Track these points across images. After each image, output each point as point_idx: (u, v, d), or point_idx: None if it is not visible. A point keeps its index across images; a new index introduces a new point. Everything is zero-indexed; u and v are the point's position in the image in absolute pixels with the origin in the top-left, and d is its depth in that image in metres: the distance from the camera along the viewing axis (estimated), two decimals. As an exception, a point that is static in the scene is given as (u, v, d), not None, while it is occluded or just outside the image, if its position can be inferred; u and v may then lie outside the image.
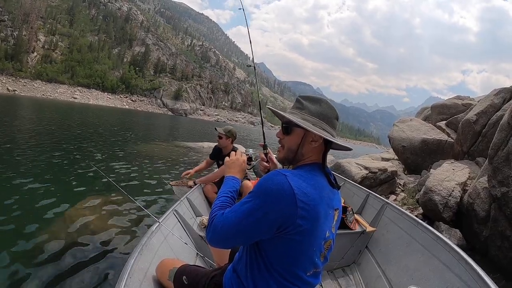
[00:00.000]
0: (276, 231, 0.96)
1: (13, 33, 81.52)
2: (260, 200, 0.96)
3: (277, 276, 1.01)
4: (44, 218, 3.74)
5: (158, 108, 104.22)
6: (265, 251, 1.02)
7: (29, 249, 3.00)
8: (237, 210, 1.01)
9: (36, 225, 3.50)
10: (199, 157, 10.85)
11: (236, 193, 1.20)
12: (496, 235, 3.48)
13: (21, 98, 48.06)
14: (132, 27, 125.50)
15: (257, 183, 1.01)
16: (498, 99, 6.20)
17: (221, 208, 1.08)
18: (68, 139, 10.91)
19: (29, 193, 4.55)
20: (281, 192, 0.93)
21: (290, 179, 0.95)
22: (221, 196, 1.16)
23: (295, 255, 1.00)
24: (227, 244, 1.04)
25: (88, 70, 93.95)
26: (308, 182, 0.99)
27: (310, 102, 1.12)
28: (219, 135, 3.76)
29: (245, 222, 0.97)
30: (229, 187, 1.20)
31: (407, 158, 8.10)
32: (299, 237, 0.96)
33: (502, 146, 3.61)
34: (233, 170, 1.29)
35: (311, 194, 0.96)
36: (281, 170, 1.01)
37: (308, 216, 0.95)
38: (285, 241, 0.97)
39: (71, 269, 2.75)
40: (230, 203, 1.13)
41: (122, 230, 3.73)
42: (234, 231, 0.99)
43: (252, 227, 0.97)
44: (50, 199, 4.39)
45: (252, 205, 0.97)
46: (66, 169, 6.39)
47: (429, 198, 4.44)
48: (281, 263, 1.01)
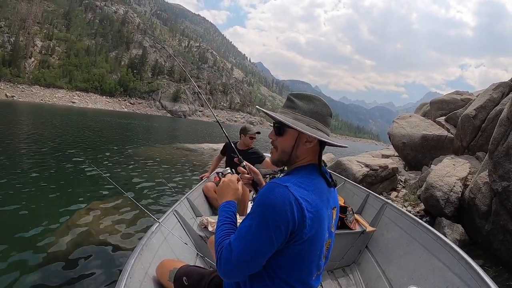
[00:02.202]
0: (285, 242, 0.94)
1: (10, 39, 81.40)
2: (268, 217, 0.91)
3: (280, 282, 0.99)
4: (44, 219, 3.75)
5: (157, 110, 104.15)
6: (268, 261, 0.97)
7: (29, 249, 3.01)
8: (245, 235, 0.94)
9: (36, 226, 3.52)
10: (200, 159, 10.85)
11: (234, 216, 1.12)
12: (498, 229, 3.50)
13: (20, 104, 47.98)
14: (129, 30, 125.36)
15: (258, 200, 0.96)
16: (496, 94, 6.22)
17: (225, 238, 1.00)
18: (68, 143, 10.91)
19: (29, 194, 4.59)
20: (288, 204, 0.90)
21: (292, 190, 0.92)
22: (220, 226, 1.07)
23: (301, 262, 0.99)
24: (245, 272, 0.96)
25: (86, 74, 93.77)
26: (310, 189, 0.97)
27: (302, 100, 1.07)
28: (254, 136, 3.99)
29: (258, 243, 0.91)
30: (225, 213, 1.11)
31: (408, 155, 8.12)
32: (305, 245, 0.95)
33: (502, 141, 3.63)
34: (225, 196, 1.20)
35: (314, 202, 0.95)
36: (279, 181, 0.97)
37: (313, 224, 0.94)
38: (290, 251, 0.95)
39: (71, 269, 2.76)
40: (232, 229, 1.05)
41: (122, 230, 3.74)
42: (249, 256, 0.92)
43: (268, 246, 0.92)
44: (50, 200, 4.45)
45: (260, 224, 0.92)
46: (66, 171, 6.44)
47: (431, 194, 4.46)
48: (287, 271, 0.98)
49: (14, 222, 3.58)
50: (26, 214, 3.86)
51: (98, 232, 3.58)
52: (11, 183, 5.00)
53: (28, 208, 4.02)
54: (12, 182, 5.08)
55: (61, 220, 3.80)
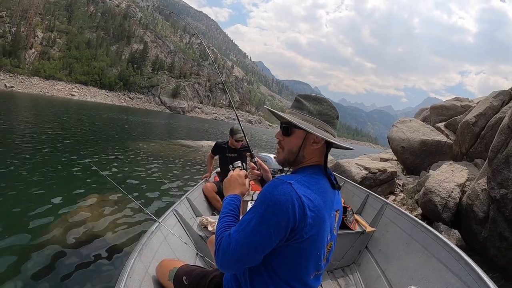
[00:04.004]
0: (285, 240, 0.94)
1: (11, 29, 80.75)
2: (269, 212, 0.91)
3: (280, 281, 1.00)
4: (43, 218, 3.74)
5: (156, 105, 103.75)
6: (268, 259, 0.98)
7: (29, 249, 3.01)
8: (245, 228, 0.95)
9: (35, 226, 3.52)
10: (198, 156, 10.86)
11: (238, 210, 1.14)
12: (495, 236, 3.53)
13: (19, 95, 47.72)
14: (131, 24, 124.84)
15: (261, 195, 0.97)
16: (497, 102, 6.26)
17: (226, 230, 1.01)
18: (66, 137, 10.88)
19: (27, 194, 4.54)
20: (290, 201, 0.90)
21: (296, 187, 0.93)
22: (222, 217, 1.09)
23: (300, 261, 0.99)
24: (240, 265, 0.98)
25: (86, 67, 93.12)
26: (313, 189, 0.97)
27: (310, 101, 1.08)
28: (240, 139, 3.92)
29: (258, 238, 0.92)
30: (229, 206, 1.13)
31: (406, 159, 8.15)
32: (305, 245, 0.95)
33: (502, 149, 3.66)
34: (231, 189, 1.21)
35: (317, 201, 0.95)
36: (284, 178, 0.98)
37: (314, 223, 0.94)
38: (290, 249, 0.96)
39: (71, 269, 2.76)
40: (233, 222, 1.06)
41: (121, 230, 3.75)
42: (247, 250, 0.93)
43: (267, 241, 0.93)
44: (49, 199, 4.39)
45: (261, 219, 0.92)
46: (64, 169, 6.38)
47: (429, 199, 4.49)
48: (286, 269, 0.99)
49: (11, 222, 3.55)
50: (25, 214, 3.81)
51: (97, 232, 3.58)
52: (7, 181, 4.94)
53: (27, 208, 3.97)
54: (8, 180, 5.02)
55: (60, 219, 3.79)
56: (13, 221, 3.58)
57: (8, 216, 3.70)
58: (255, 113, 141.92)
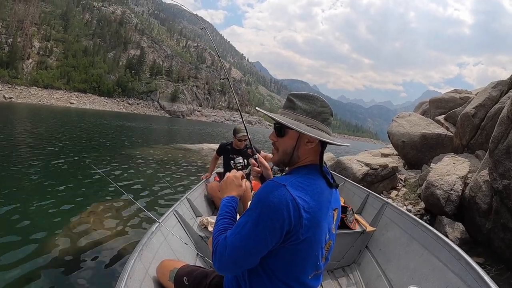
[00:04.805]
0: (281, 242, 0.94)
1: (7, 40, 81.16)
2: (264, 215, 0.91)
3: (278, 282, 0.99)
4: (44, 219, 3.78)
5: (155, 110, 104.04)
6: (266, 260, 0.98)
7: (29, 249, 3.03)
8: (240, 231, 0.94)
9: (36, 226, 3.55)
10: (198, 159, 10.85)
11: (235, 212, 1.12)
12: (498, 227, 3.52)
13: (18, 105, 47.88)
14: (127, 30, 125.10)
15: (256, 198, 0.96)
16: (495, 92, 6.24)
17: (222, 232, 1.01)
18: (67, 144, 10.86)
19: (29, 195, 4.62)
20: (284, 203, 0.90)
21: (290, 189, 0.92)
22: (219, 220, 1.08)
23: (298, 262, 0.98)
24: (237, 268, 0.98)
25: (84, 75, 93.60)
26: (308, 189, 0.96)
27: (302, 100, 1.06)
28: (243, 138, 3.93)
29: (253, 241, 0.92)
30: (225, 208, 1.12)
31: (407, 153, 8.14)
32: (301, 246, 0.95)
33: (502, 140, 3.65)
34: (228, 191, 1.19)
35: (312, 202, 0.94)
36: (278, 179, 0.97)
37: (310, 225, 0.93)
38: (287, 251, 0.96)
39: (71, 270, 2.77)
40: (230, 224, 1.05)
41: (122, 230, 3.76)
42: (243, 253, 0.93)
43: (262, 244, 0.92)
44: (50, 200, 4.47)
45: (256, 222, 0.92)
46: (66, 172, 6.46)
47: (431, 192, 4.48)
48: (284, 271, 0.99)
49: (14, 224, 3.58)
50: (27, 215, 3.86)
51: (98, 232, 3.59)
52: (11, 185, 5.01)
53: (28, 210, 4.03)
54: (12, 184, 5.09)
55: (61, 220, 3.82)
56: (14, 222, 3.61)
57: (9, 218, 3.73)
58: (255, 113, 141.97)
